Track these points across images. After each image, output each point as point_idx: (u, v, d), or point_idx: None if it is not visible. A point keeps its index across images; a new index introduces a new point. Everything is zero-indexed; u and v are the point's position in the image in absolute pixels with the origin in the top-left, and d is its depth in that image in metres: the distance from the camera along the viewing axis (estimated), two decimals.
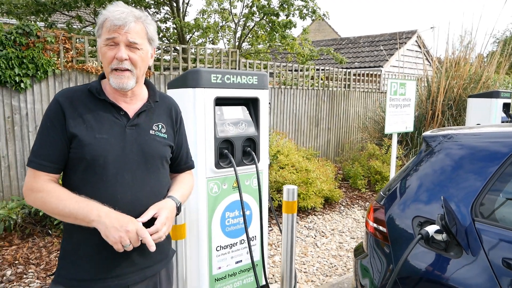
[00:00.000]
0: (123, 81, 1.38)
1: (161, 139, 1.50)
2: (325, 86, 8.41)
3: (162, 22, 10.16)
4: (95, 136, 1.36)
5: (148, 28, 1.43)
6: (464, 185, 1.79)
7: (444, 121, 7.16)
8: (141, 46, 1.40)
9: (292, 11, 9.18)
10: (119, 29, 1.35)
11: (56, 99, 1.38)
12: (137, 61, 1.40)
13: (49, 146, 1.35)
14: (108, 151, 1.37)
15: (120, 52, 1.35)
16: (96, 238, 1.31)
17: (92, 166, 1.35)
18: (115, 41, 1.36)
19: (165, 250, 1.58)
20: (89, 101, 1.41)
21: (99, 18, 1.39)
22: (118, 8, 1.37)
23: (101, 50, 1.40)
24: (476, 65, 7.70)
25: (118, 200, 1.37)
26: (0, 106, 4.72)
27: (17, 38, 4.66)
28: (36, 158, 1.35)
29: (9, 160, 4.84)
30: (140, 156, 1.43)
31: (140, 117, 1.47)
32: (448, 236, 1.65)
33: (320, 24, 23.90)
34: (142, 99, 1.51)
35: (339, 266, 3.88)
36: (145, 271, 1.47)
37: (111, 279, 1.39)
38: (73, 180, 1.39)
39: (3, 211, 3.96)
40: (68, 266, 1.39)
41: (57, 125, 1.36)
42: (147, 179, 1.44)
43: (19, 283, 3.26)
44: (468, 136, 2.04)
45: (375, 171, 6.69)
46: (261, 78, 2.68)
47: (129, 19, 1.36)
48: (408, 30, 12.84)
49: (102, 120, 1.39)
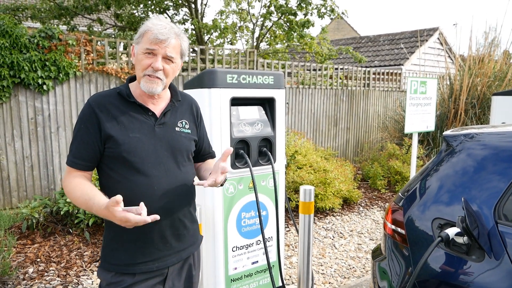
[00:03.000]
0: (153, 86, 1.51)
1: (186, 134, 1.65)
2: (344, 85, 8.32)
3: (180, 24, 10.25)
4: (129, 135, 1.50)
5: (183, 44, 1.58)
6: (486, 186, 1.73)
7: (467, 120, 6.97)
8: (175, 60, 1.55)
9: (310, 10, 9.10)
10: (161, 43, 1.48)
11: (89, 104, 1.52)
12: (169, 72, 1.54)
13: (82, 146, 1.49)
14: (141, 148, 1.51)
15: (157, 63, 1.49)
16: (134, 228, 1.39)
17: (129, 162, 1.49)
18: (154, 53, 1.49)
19: (196, 235, 1.75)
20: (120, 103, 1.54)
21: (142, 27, 1.52)
22: (161, 22, 1.50)
23: (137, 57, 1.52)
24: (501, 62, 7.46)
25: (155, 190, 1.52)
26: (23, 108, 4.85)
27: (40, 42, 4.78)
28: (71, 156, 1.51)
29: (32, 160, 4.97)
30: (169, 150, 1.58)
31: (166, 116, 1.61)
32: (470, 239, 1.60)
33: (339, 23, 23.68)
34: (166, 99, 1.65)
35: (357, 268, 3.82)
36: (181, 254, 1.64)
37: (152, 262, 1.55)
38: (112, 176, 1.52)
39: (26, 210, 4.07)
40: (111, 254, 1.54)
41: (90, 127, 1.49)
42: (177, 170, 1.60)
43: (40, 280, 3.33)
44: (492, 135, 1.97)
45: (395, 172, 6.57)
46: (277, 78, 2.66)
47: (171, 35, 1.49)
48: (430, 27, 12.56)
49: (134, 121, 1.53)
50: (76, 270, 3.53)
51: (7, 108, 4.75)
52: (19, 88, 4.79)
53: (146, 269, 1.54)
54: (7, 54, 4.56)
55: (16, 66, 4.63)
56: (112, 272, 1.53)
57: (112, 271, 1.53)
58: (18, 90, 4.79)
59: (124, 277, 1.52)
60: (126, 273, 1.53)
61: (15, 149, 4.85)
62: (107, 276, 1.54)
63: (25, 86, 4.82)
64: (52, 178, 5.14)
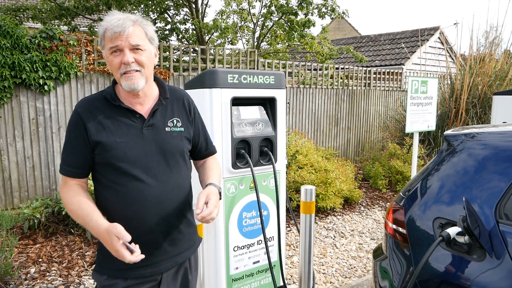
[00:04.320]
0: (133, 81, 1.45)
1: (177, 134, 1.57)
2: (345, 85, 8.32)
3: (181, 24, 10.25)
4: (116, 141, 1.46)
5: (147, 29, 1.49)
6: (487, 186, 1.73)
7: (468, 119, 6.96)
8: (144, 47, 1.47)
9: (310, 10, 9.10)
10: (120, 36, 1.41)
11: (76, 110, 1.49)
12: (143, 62, 1.46)
13: (73, 153, 1.47)
14: (130, 153, 1.46)
15: (126, 57, 1.42)
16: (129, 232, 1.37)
17: (118, 168, 1.45)
18: (119, 48, 1.43)
19: (193, 238, 1.70)
20: (106, 107, 1.50)
21: (99, 30, 1.46)
22: (114, 16, 1.44)
23: (107, 59, 1.47)
24: (502, 61, 7.45)
25: (146, 195, 1.47)
26: (25, 108, 4.86)
27: (41, 42, 4.79)
28: (64, 165, 1.49)
29: (33, 160, 4.98)
30: (159, 153, 1.51)
31: (155, 117, 1.54)
32: (471, 239, 1.60)
33: (339, 23, 23.66)
34: (153, 98, 1.58)
35: (358, 267, 3.82)
36: (176, 258, 1.60)
37: (145, 268, 1.51)
38: (104, 182, 1.49)
39: (27, 210, 4.07)
40: (106, 258, 1.49)
41: (78, 134, 1.46)
42: (169, 173, 1.53)
43: (42, 280, 3.34)
44: (493, 135, 1.97)
45: (396, 171, 6.57)
46: (278, 78, 2.66)
47: (127, 24, 1.42)
48: (431, 27, 12.55)
49: (120, 125, 1.48)
50: (78, 270, 3.53)
51: (8, 109, 4.76)
52: (20, 88, 4.80)
53: (139, 274, 1.51)
54: (8, 54, 4.57)
55: (17, 67, 4.64)
56: (105, 275, 1.52)
57: (105, 274, 1.52)
58: (19, 91, 4.80)
59: (117, 281, 1.50)
60: (119, 277, 1.51)
61: (17, 150, 4.86)
62: (101, 279, 1.52)
63: (26, 87, 4.82)
64: (54, 179, 5.15)
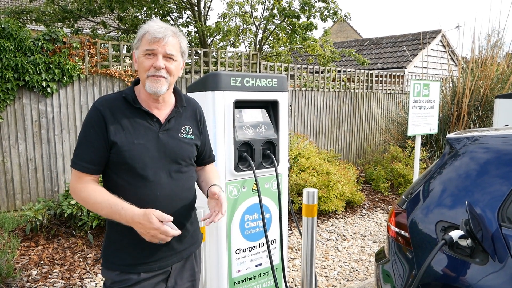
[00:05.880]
0: (158, 85, 1.53)
1: (188, 140, 1.68)
2: (347, 88, 8.32)
3: (184, 26, 10.29)
4: (133, 142, 1.52)
5: (182, 42, 1.60)
6: (490, 189, 1.73)
7: (470, 122, 6.95)
8: (176, 58, 1.57)
9: (313, 13, 9.12)
10: (159, 42, 1.50)
11: (97, 108, 1.53)
12: (172, 70, 1.56)
13: (92, 150, 1.51)
14: (145, 155, 1.54)
15: (159, 62, 1.51)
16: (136, 232, 1.45)
17: (133, 168, 1.52)
18: (153, 52, 1.51)
19: (197, 234, 1.80)
20: (125, 108, 1.56)
21: (139, 31, 1.55)
22: (157, 23, 1.54)
23: (139, 60, 1.55)
24: (504, 64, 7.45)
25: (158, 195, 1.55)
26: (28, 110, 4.88)
27: (44, 44, 4.81)
28: (80, 161, 1.52)
29: (36, 162, 4.99)
30: (172, 156, 1.61)
31: (171, 122, 1.63)
32: (473, 242, 1.60)
33: (341, 26, 23.69)
34: (170, 104, 1.67)
35: (360, 270, 3.81)
36: (182, 253, 1.69)
37: (154, 263, 1.59)
38: (116, 181, 1.55)
39: (30, 212, 4.08)
40: (114, 254, 1.57)
41: (98, 131, 1.50)
42: (180, 175, 1.64)
43: (44, 283, 3.34)
44: (495, 138, 1.97)
45: (398, 174, 6.56)
46: (281, 81, 2.66)
47: (168, 33, 1.52)
48: (433, 30, 12.55)
49: (139, 127, 1.55)
50: (80, 272, 3.54)
51: (11, 111, 4.78)
52: (23, 90, 4.82)
53: (149, 269, 1.58)
54: (12, 57, 4.59)
55: (21, 69, 4.66)
56: (117, 271, 1.56)
57: (116, 270, 1.57)
58: (22, 93, 4.82)
59: (129, 276, 1.56)
60: (131, 272, 1.56)
61: (19, 152, 4.87)
62: (112, 275, 1.57)
63: (29, 89, 4.84)
64: (56, 181, 5.16)
